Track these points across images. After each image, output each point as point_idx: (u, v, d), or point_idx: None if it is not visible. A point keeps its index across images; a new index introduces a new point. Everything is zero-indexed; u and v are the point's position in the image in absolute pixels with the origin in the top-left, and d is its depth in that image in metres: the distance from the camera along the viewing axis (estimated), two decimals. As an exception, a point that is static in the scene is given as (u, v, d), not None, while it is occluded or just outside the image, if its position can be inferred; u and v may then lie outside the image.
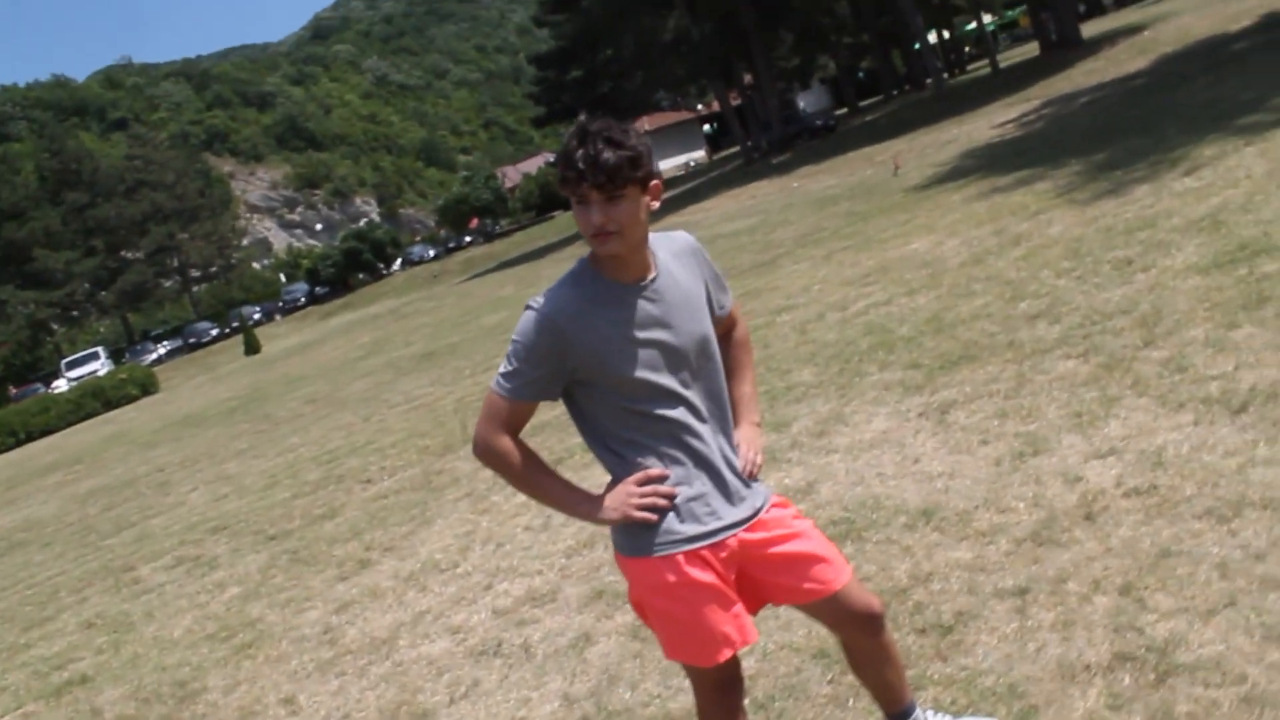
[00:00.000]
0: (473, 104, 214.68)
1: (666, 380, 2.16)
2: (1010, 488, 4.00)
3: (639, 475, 2.17)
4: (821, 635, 3.37)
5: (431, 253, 58.64)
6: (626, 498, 2.16)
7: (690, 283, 2.26)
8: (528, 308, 2.14)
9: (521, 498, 6.09)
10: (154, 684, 5.07)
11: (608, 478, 2.24)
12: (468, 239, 58.54)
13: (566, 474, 5.92)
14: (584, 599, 4.36)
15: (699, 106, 65.99)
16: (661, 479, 2.17)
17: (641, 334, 2.13)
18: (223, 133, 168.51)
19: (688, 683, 3.35)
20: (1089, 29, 37.08)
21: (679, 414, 2.18)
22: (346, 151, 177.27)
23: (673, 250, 2.28)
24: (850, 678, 3.05)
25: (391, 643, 4.61)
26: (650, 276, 2.17)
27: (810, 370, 6.84)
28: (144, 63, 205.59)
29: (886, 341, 6.86)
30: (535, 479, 2.25)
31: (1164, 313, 5.40)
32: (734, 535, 2.22)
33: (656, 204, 2.14)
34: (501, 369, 2.17)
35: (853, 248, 11.53)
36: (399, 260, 59.68)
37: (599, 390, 2.16)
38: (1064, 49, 32.14)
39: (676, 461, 2.19)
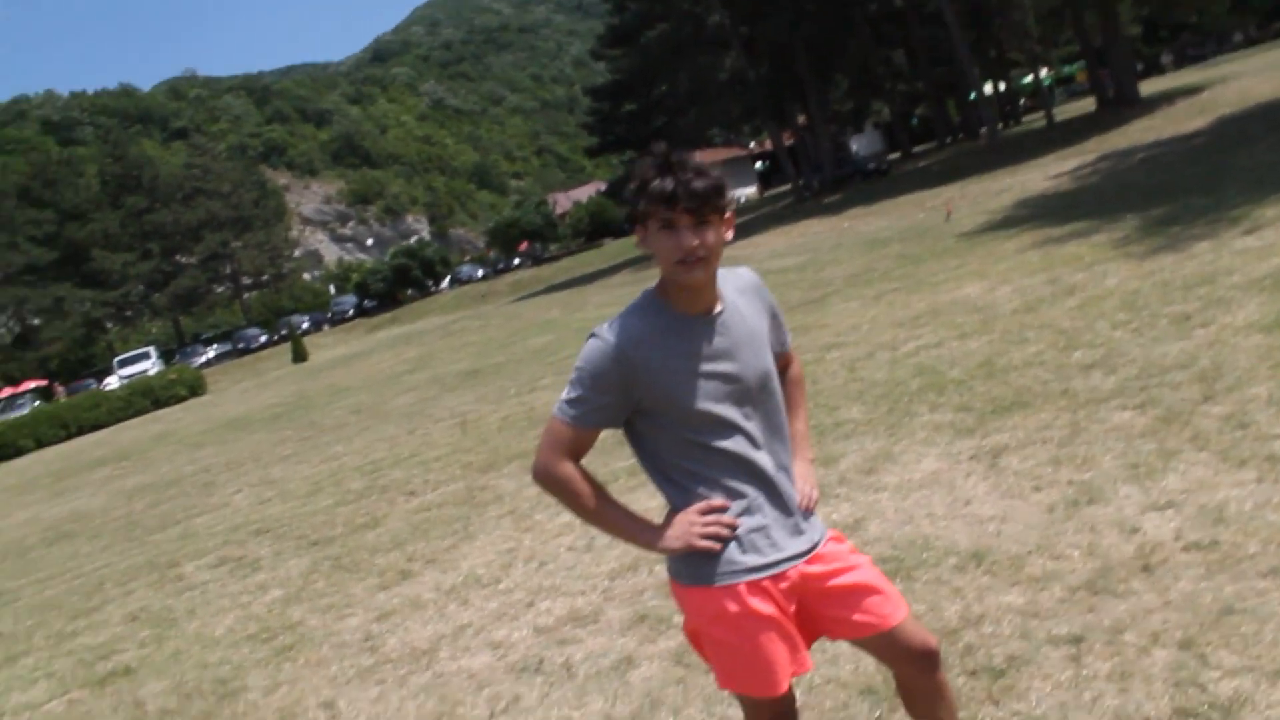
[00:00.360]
0: (526, 131, 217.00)
1: (730, 413, 2.17)
2: (1064, 535, 3.96)
3: (701, 505, 2.18)
4: (869, 671, 3.35)
5: (480, 273, 59.08)
6: (689, 526, 2.17)
7: (755, 318, 2.29)
8: (594, 335, 2.15)
9: (566, 517, 6.12)
10: (195, 680, 5.12)
11: (651, 502, 2.25)
12: (516, 261, 58.96)
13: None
14: (627, 622, 4.35)
15: (752, 144, 66.25)
16: (723, 509, 2.18)
17: (708, 366, 2.15)
18: (280, 146, 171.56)
19: (732, 711, 3.36)
20: (1146, 87, 36.86)
21: (741, 447, 2.19)
22: (400, 170, 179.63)
23: (738, 286, 2.31)
24: (898, 716, 3.04)
25: (432, 654, 4.62)
26: (718, 309, 2.20)
27: (859, 408, 6.81)
28: (208, 76, 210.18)
29: (937, 383, 6.83)
30: (597, 506, 2.24)
31: (1224, 369, 5.33)
32: (794, 567, 2.22)
33: (730, 235, 2.18)
34: (566, 395, 2.17)
35: (903, 289, 11.49)
36: (448, 279, 60.14)
37: (662, 420, 2.18)
38: (1121, 106, 31.99)
39: (738, 494, 2.20)
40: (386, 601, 5.57)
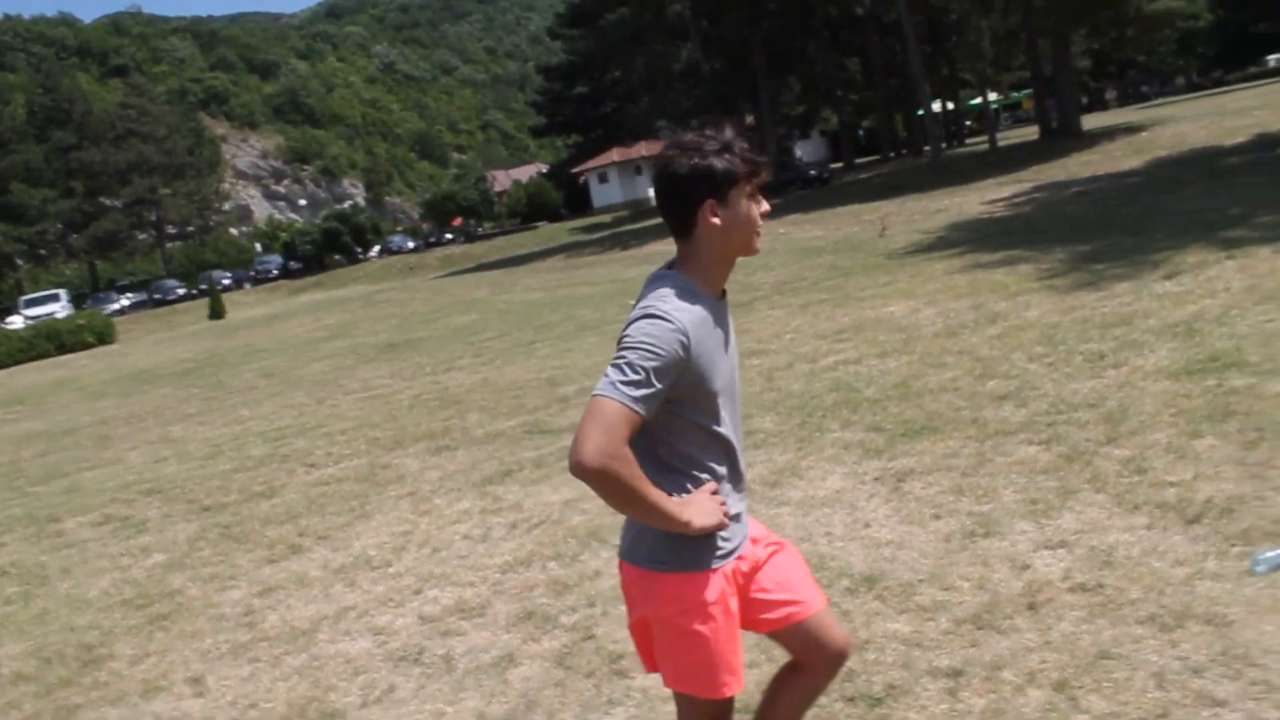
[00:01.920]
0: (474, 104, 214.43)
1: (725, 397, 2.17)
2: (957, 566, 3.96)
3: (708, 487, 2.15)
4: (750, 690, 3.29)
5: (411, 245, 58.32)
6: (714, 506, 2.14)
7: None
8: (658, 317, 2.00)
9: (464, 504, 6.00)
10: (59, 644, 4.91)
11: (554, 496, 2.18)
12: (449, 236, 58.35)
13: (514, 487, 5.76)
14: (513, 618, 4.26)
15: (698, 140, 66.32)
16: (715, 494, 2.18)
17: (726, 350, 2.17)
18: (222, 95, 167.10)
19: (607, 719, 3.29)
20: (1089, 121, 37.68)
21: (730, 434, 2.20)
22: (342, 132, 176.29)
23: None
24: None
25: (311, 635, 4.49)
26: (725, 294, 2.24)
27: (772, 418, 6.79)
28: (153, 14, 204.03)
29: (852, 400, 6.83)
30: (646, 491, 2.01)
31: (1130, 412, 5.40)
32: (746, 544, 2.26)
33: None
34: (627, 377, 1.96)
35: (830, 302, 11.54)
36: (377, 247, 59.27)
37: (681, 405, 2.08)
38: (1063, 137, 32.63)
39: (725, 479, 2.20)
40: (272, 576, 5.41)
